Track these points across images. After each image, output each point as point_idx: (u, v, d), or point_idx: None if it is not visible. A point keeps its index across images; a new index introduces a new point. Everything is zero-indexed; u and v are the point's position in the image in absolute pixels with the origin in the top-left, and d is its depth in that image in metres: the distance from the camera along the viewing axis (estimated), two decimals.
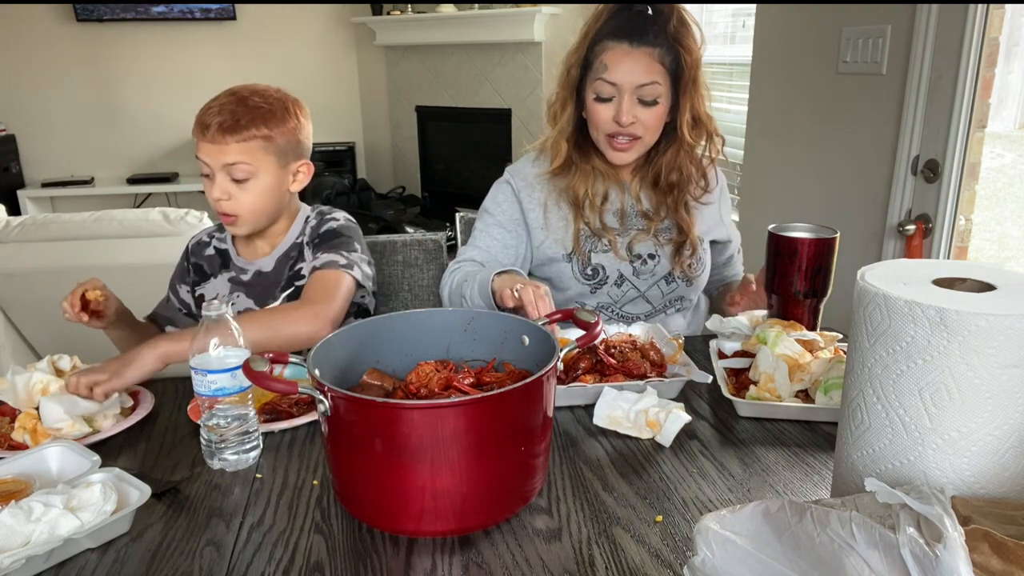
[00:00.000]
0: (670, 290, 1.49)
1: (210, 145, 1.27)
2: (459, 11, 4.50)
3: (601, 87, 1.36)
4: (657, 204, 1.48)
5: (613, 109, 1.36)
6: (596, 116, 1.39)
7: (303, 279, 1.37)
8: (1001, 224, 1.96)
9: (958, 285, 0.68)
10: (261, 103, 1.29)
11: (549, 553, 0.77)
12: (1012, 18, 1.72)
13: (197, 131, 1.28)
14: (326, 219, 1.42)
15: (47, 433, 1.00)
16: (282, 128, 1.30)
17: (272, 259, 1.40)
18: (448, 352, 1.01)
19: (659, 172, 1.45)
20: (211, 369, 0.92)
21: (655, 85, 1.35)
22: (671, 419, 0.99)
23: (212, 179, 1.29)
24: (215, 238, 1.46)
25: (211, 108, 1.28)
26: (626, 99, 1.35)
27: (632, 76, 1.34)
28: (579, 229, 1.45)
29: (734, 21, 2.92)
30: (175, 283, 1.48)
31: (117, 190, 4.87)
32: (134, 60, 4.93)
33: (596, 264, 1.45)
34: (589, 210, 1.44)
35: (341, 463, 0.83)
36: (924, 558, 0.49)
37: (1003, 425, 0.63)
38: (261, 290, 1.39)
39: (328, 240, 1.37)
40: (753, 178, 2.51)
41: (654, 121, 1.38)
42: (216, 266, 1.44)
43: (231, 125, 1.26)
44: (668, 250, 1.47)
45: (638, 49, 1.34)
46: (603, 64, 1.36)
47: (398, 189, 5.25)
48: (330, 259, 1.32)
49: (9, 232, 2.22)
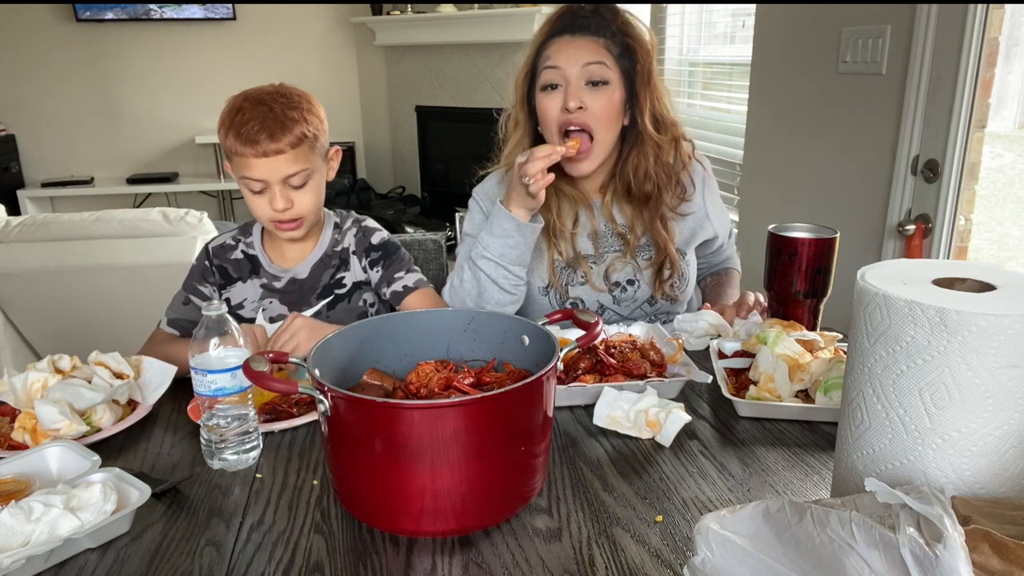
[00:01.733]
0: (654, 310, 1.45)
1: (264, 161, 1.24)
2: (459, 11, 4.50)
3: (546, 75, 1.31)
4: (632, 219, 1.40)
5: (560, 96, 1.29)
6: (544, 110, 1.32)
7: (344, 288, 1.40)
8: (1001, 224, 1.96)
9: (958, 285, 0.68)
10: (287, 104, 1.28)
11: (549, 553, 0.77)
12: (1012, 18, 1.72)
13: (242, 148, 1.24)
14: (370, 229, 1.44)
15: (47, 433, 1.00)
16: (315, 121, 1.31)
17: (307, 265, 1.39)
18: (448, 352, 1.01)
19: (629, 181, 1.37)
20: (211, 369, 0.92)
21: (602, 65, 1.29)
22: (671, 419, 0.99)
23: (266, 192, 1.28)
24: (241, 242, 1.42)
25: (248, 121, 1.24)
26: (572, 83, 1.28)
27: (576, 56, 1.28)
28: (553, 259, 1.40)
29: (734, 21, 2.92)
30: (195, 285, 1.41)
31: (117, 190, 4.87)
32: (134, 60, 4.93)
33: (575, 298, 1.41)
34: (560, 238, 1.38)
35: (341, 463, 0.83)
36: (924, 558, 0.49)
37: (1003, 425, 0.63)
38: (296, 297, 1.39)
39: (391, 255, 1.42)
40: (753, 178, 2.51)
41: (606, 107, 1.29)
42: (245, 271, 1.41)
43: (280, 131, 1.24)
44: (648, 275, 1.41)
45: (581, 38, 1.30)
46: (546, 56, 1.32)
47: (398, 189, 5.25)
48: (419, 278, 1.41)
49: (9, 232, 2.22)
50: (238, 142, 1.24)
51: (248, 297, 1.40)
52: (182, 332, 1.39)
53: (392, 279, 1.40)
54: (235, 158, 1.28)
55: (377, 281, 1.41)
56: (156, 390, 1.14)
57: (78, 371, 1.12)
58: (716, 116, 2.97)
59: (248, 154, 1.24)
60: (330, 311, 1.39)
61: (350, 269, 1.41)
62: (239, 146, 1.25)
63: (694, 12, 3.14)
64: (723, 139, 2.80)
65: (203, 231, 2.27)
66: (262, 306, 1.39)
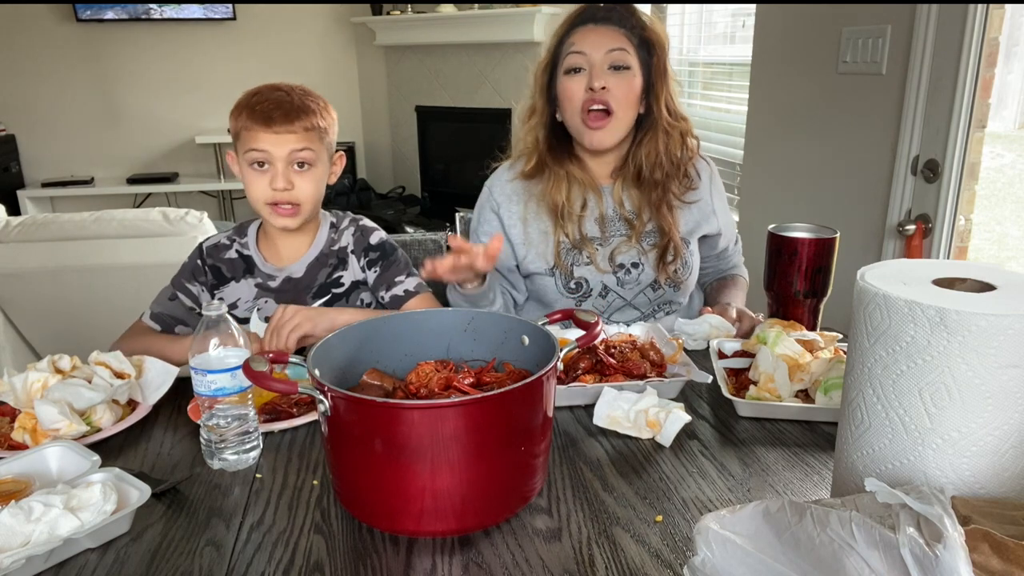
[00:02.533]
0: (658, 296, 1.48)
1: (274, 135, 1.26)
2: (459, 11, 4.50)
3: (571, 60, 1.38)
4: (639, 205, 1.46)
5: (585, 79, 1.36)
6: (568, 91, 1.38)
7: (342, 287, 1.40)
8: (1001, 224, 1.96)
9: (958, 285, 0.68)
10: (305, 95, 1.30)
11: (549, 553, 0.77)
12: (1012, 18, 1.72)
13: (254, 122, 1.26)
14: (368, 228, 1.44)
15: (47, 433, 1.00)
16: (329, 119, 1.33)
17: (303, 264, 1.39)
18: (448, 352, 1.01)
19: (640, 167, 1.43)
20: (211, 369, 0.92)
21: (623, 52, 1.37)
22: (671, 419, 0.99)
23: (269, 171, 1.29)
24: (236, 242, 1.42)
25: (265, 100, 1.27)
26: (596, 66, 1.36)
27: (600, 43, 1.36)
28: (559, 241, 1.44)
29: (734, 21, 2.92)
30: (184, 282, 1.41)
31: (117, 190, 4.87)
32: (134, 60, 4.93)
33: (579, 278, 1.45)
34: (568, 220, 1.43)
35: (341, 463, 0.83)
36: (924, 558, 0.49)
37: (1003, 425, 0.63)
38: (292, 296, 1.38)
39: (389, 257, 1.42)
40: (753, 178, 2.51)
41: (627, 91, 1.37)
42: (239, 270, 1.41)
43: (295, 113, 1.26)
44: (652, 257, 1.45)
45: (604, 26, 1.38)
46: (570, 43, 1.38)
47: (398, 189, 5.25)
48: (418, 282, 1.41)
49: (9, 232, 2.22)
50: (251, 119, 1.26)
51: (242, 297, 1.40)
52: (163, 327, 1.39)
53: (392, 283, 1.40)
54: (244, 134, 1.29)
55: (374, 282, 1.41)
56: (157, 390, 1.14)
57: (78, 371, 1.12)
58: (716, 116, 2.97)
59: (258, 129, 1.26)
60: None
61: (348, 268, 1.41)
62: (251, 122, 1.26)
63: (694, 12, 3.14)
64: (723, 139, 2.80)
65: (203, 231, 2.27)
66: (257, 306, 1.38)
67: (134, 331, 1.39)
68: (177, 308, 1.41)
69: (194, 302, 1.41)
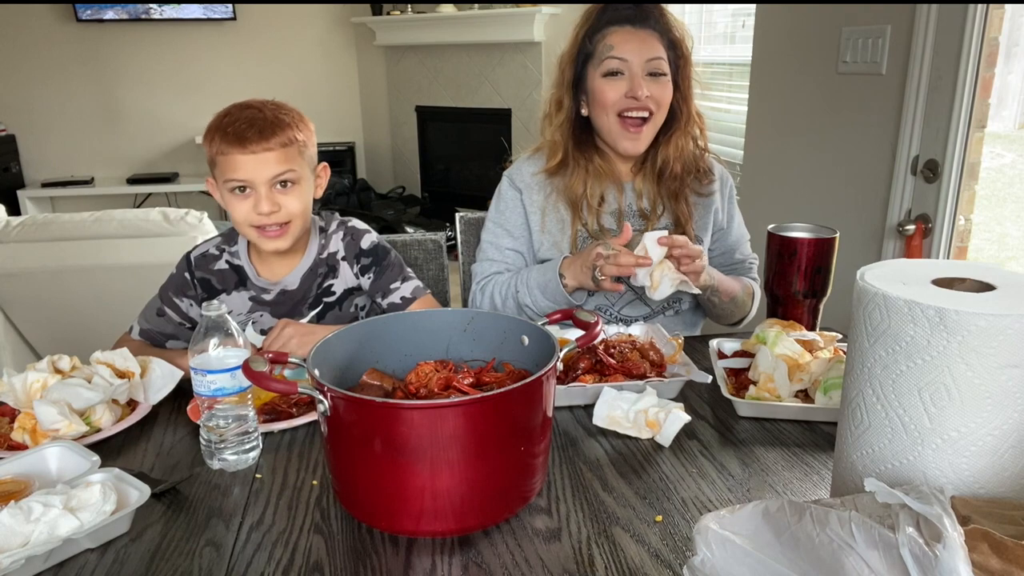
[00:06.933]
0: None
1: (252, 158, 1.20)
2: (459, 11, 4.50)
3: (609, 63, 1.38)
4: (655, 199, 1.48)
5: (625, 85, 1.37)
6: (605, 95, 1.39)
7: (333, 296, 1.38)
8: (1001, 224, 1.96)
9: (958, 285, 0.68)
10: (278, 109, 1.26)
11: (549, 553, 0.77)
12: (1012, 18, 1.72)
13: (228, 145, 1.20)
14: (358, 231, 1.41)
15: (46, 433, 1.00)
16: (306, 133, 1.29)
17: (296, 276, 1.36)
18: (447, 352, 1.00)
19: (662, 161, 1.45)
20: (211, 369, 0.92)
21: (661, 60, 1.39)
22: (671, 419, 0.99)
23: (251, 196, 1.24)
24: (226, 252, 1.37)
25: (236, 120, 1.21)
26: (637, 74, 1.37)
27: (641, 51, 1.37)
28: (576, 231, 1.45)
29: (734, 21, 2.92)
30: (173, 298, 1.36)
31: (117, 190, 4.88)
32: (134, 60, 4.94)
33: None
34: (587, 212, 1.45)
35: (341, 463, 0.83)
36: (923, 558, 0.49)
37: (1003, 425, 0.63)
38: (287, 308, 1.36)
39: (382, 262, 1.39)
40: (753, 178, 2.51)
41: (666, 96, 1.40)
42: (231, 282, 1.36)
43: (269, 130, 1.21)
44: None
45: (642, 30, 1.39)
46: (608, 45, 1.38)
47: (398, 189, 5.26)
48: (415, 286, 1.40)
49: (9, 232, 2.22)
50: (224, 141, 1.21)
51: (235, 309, 1.36)
52: (153, 343, 1.36)
53: (388, 290, 1.38)
54: (220, 159, 1.23)
55: (369, 288, 1.40)
56: (159, 391, 1.13)
57: (78, 371, 1.12)
58: (716, 116, 2.96)
59: (235, 152, 1.20)
60: (320, 320, 1.37)
61: (339, 276, 1.38)
62: (225, 145, 1.21)
63: (694, 12, 3.14)
64: (723, 139, 2.80)
65: (203, 231, 2.27)
66: (252, 319, 1.36)
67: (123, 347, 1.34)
68: (165, 324, 1.37)
69: (183, 318, 1.37)
